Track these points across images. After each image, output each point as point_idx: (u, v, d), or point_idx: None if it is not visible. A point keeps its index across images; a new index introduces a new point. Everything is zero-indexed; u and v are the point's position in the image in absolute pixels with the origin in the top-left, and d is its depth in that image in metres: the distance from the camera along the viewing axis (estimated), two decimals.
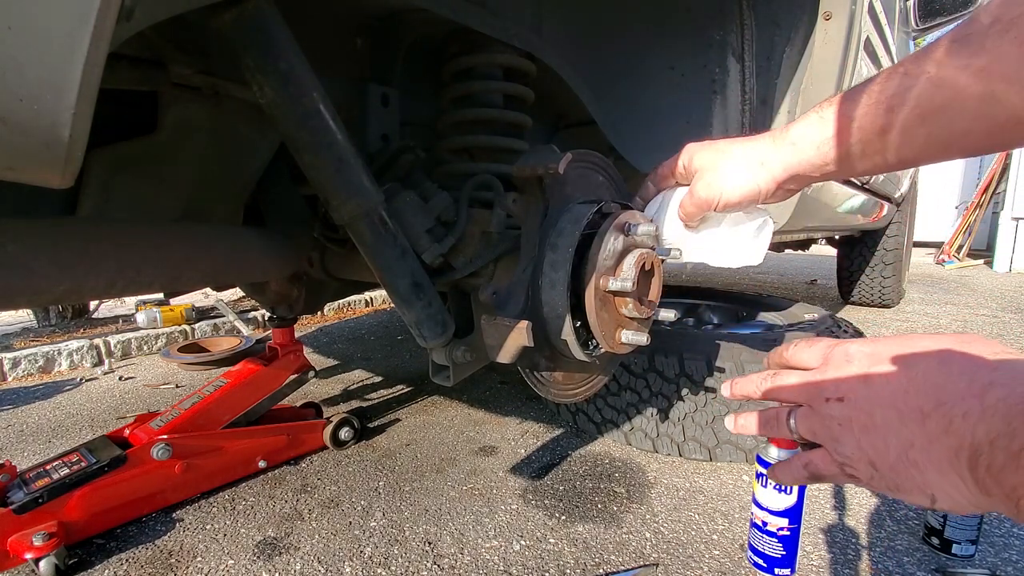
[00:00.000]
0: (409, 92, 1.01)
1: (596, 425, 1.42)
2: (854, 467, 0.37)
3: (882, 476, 0.35)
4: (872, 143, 0.46)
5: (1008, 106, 0.37)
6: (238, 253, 0.81)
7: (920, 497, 0.33)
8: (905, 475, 0.33)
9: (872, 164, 0.48)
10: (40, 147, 0.30)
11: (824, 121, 0.49)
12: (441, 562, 0.94)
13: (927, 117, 0.42)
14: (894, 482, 0.34)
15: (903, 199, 2.79)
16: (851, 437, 0.36)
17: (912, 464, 0.33)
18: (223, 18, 0.58)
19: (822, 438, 0.39)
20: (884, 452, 0.34)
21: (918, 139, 0.43)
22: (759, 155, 0.56)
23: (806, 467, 0.41)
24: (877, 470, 0.35)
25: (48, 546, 0.88)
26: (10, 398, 1.84)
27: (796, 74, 1.03)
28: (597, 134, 1.15)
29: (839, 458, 0.38)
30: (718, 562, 0.93)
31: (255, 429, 1.25)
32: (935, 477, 0.32)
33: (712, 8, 1.05)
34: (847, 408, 0.37)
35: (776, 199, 0.60)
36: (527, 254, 0.67)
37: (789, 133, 0.53)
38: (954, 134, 0.41)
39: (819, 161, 0.51)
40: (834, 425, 0.38)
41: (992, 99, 0.38)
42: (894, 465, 0.34)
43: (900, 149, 0.45)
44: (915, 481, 0.33)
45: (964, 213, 6.19)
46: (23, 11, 0.26)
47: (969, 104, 0.39)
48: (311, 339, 2.59)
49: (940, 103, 0.41)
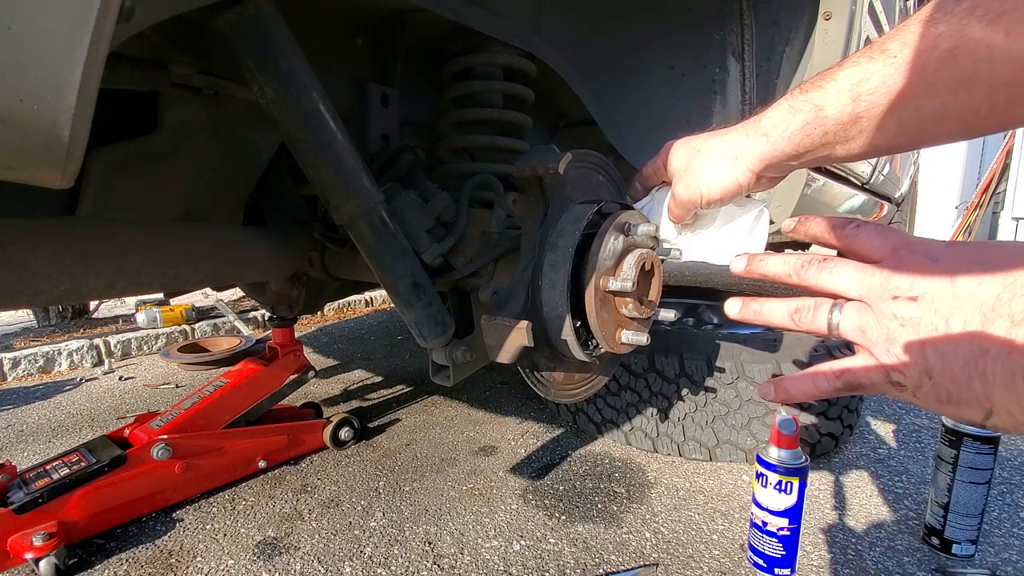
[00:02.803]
0: (409, 92, 1.01)
1: (596, 425, 1.42)
2: (904, 374, 0.34)
3: (935, 385, 0.33)
4: (843, 131, 0.44)
5: (980, 91, 0.35)
6: (238, 253, 0.81)
7: (974, 410, 0.32)
8: (966, 385, 0.31)
9: (847, 152, 0.46)
10: (40, 147, 0.30)
11: (794, 111, 0.47)
12: (441, 562, 0.94)
13: (896, 104, 0.40)
14: (948, 392, 0.32)
15: (903, 199, 2.79)
16: (914, 339, 0.34)
17: (979, 374, 0.31)
18: (223, 18, 0.58)
19: (872, 339, 0.36)
20: (951, 359, 0.32)
21: (889, 126, 0.41)
22: (733, 149, 0.54)
23: (841, 375, 0.38)
24: (931, 378, 0.33)
25: (48, 546, 0.88)
26: (10, 398, 1.84)
27: (796, 74, 1.03)
28: (597, 134, 1.15)
29: (890, 361, 0.35)
30: (718, 562, 0.93)
31: (255, 429, 1.25)
32: (1000, 391, 0.30)
33: (712, 8, 1.05)
34: (919, 308, 0.34)
35: (761, 188, 0.58)
36: (527, 254, 0.67)
37: (761, 124, 0.51)
38: (925, 120, 0.39)
39: (793, 151, 0.49)
40: (895, 325, 0.35)
41: (962, 83, 0.35)
42: (956, 374, 0.32)
43: (872, 137, 0.43)
44: (975, 392, 0.31)
45: (964, 213, 6.19)
46: (23, 11, 0.26)
47: (940, 88, 0.37)
48: (311, 339, 2.59)
49: (907, 88, 0.38)
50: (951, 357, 0.32)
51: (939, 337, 0.33)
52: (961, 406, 0.32)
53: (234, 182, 0.91)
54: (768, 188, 0.59)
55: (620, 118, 1.16)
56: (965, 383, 0.32)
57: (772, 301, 0.43)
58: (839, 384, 0.38)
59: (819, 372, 0.40)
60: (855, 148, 0.45)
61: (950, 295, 0.33)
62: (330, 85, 0.75)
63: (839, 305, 0.39)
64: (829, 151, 0.47)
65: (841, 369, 0.38)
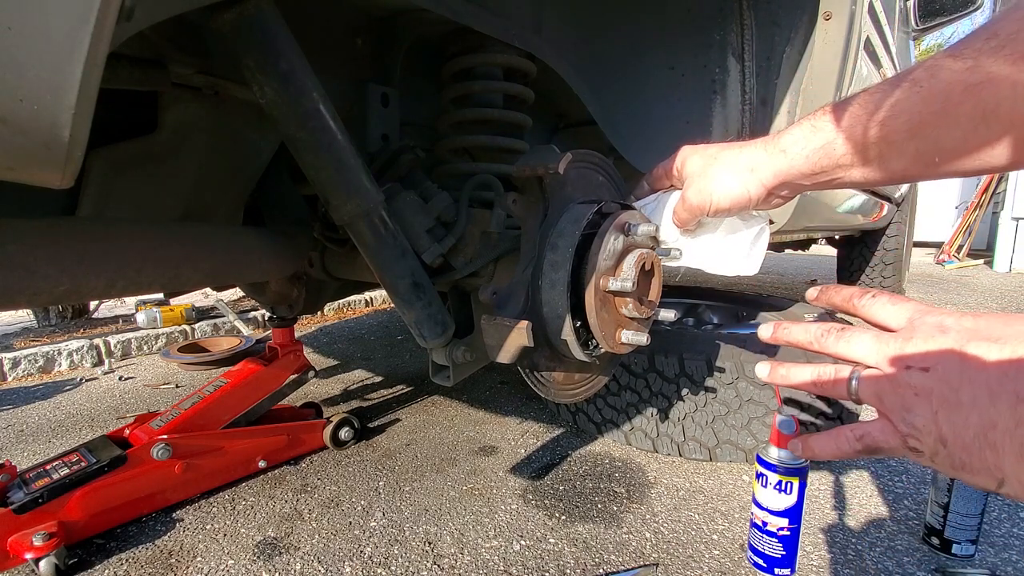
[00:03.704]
0: (409, 92, 1.01)
1: (596, 425, 1.42)
2: (920, 440, 0.35)
3: (949, 454, 0.34)
4: (862, 155, 0.45)
5: (1000, 126, 0.36)
6: (238, 253, 0.81)
7: (987, 479, 0.33)
8: (978, 456, 0.32)
9: (863, 176, 0.47)
10: (40, 147, 0.30)
11: (816, 130, 0.48)
12: (441, 562, 0.94)
13: (916, 131, 0.41)
14: (961, 461, 0.33)
15: (903, 199, 2.79)
16: (927, 409, 0.35)
17: (989, 446, 0.32)
18: (223, 18, 0.58)
19: (890, 406, 0.37)
20: (962, 429, 0.33)
21: (907, 153, 0.43)
22: (749, 162, 0.55)
23: (861, 439, 0.39)
24: (946, 447, 0.34)
25: (48, 546, 0.88)
26: (10, 398, 1.84)
27: (796, 74, 1.03)
28: (597, 134, 1.15)
29: (905, 429, 0.36)
30: (718, 562, 0.93)
31: (255, 429, 1.25)
32: (1011, 461, 0.31)
33: (712, 8, 1.05)
34: (931, 379, 0.35)
35: (768, 206, 0.59)
36: (527, 254, 0.67)
37: (781, 141, 0.53)
38: (944, 150, 0.40)
39: (808, 170, 0.50)
40: (909, 394, 0.36)
41: (983, 117, 0.36)
42: (968, 444, 0.33)
43: (889, 163, 0.44)
44: (987, 463, 0.32)
45: (964, 213, 6.19)
46: (23, 11, 0.26)
47: (961, 120, 0.38)
48: (311, 339, 2.59)
49: (929, 117, 0.39)
50: (962, 428, 0.33)
51: (950, 408, 0.34)
52: (974, 474, 0.33)
53: (234, 182, 0.91)
54: (775, 208, 0.60)
55: (620, 118, 1.16)
56: (977, 453, 0.32)
57: (798, 367, 0.45)
58: (859, 447, 0.40)
59: (841, 434, 0.42)
60: (870, 173, 0.46)
61: (959, 368, 0.34)
62: (330, 85, 0.75)
63: (857, 372, 0.40)
64: (844, 173, 0.48)
65: (861, 433, 0.39)
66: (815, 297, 0.49)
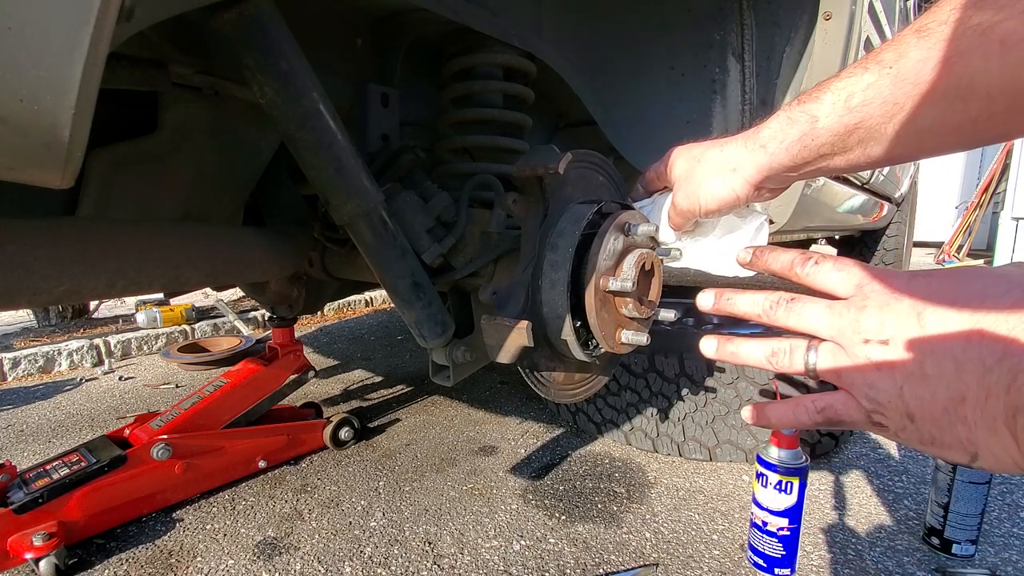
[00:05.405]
0: (409, 92, 1.00)
1: (596, 425, 1.42)
2: (885, 415, 0.34)
3: (918, 428, 0.32)
4: (840, 142, 0.44)
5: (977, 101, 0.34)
6: (238, 253, 0.81)
7: (959, 453, 0.31)
8: (948, 430, 0.31)
9: (847, 162, 0.46)
10: (40, 147, 0.30)
11: (792, 122, 0.47)
12: (441, 562, 0.94)
13: (891, 115, 0.39)
14: (931, 435, 0.32)
15: (903, 199, 2.79)
16: (891, 384, 0.33)
17: (960, 419, 0.30)
18: (223, 18, 0.58)
19: (850, 382, 0.35)
20: (929, 404, 0.31)
21: (886, 137, 0.41)
22: (731, 161, 0.54)
23: (822, 411, 0.37)
24: (913, 422, 0.32)
25: (48, 546, 0.88)
26: (10, 398, 1.84)
27: (796, 74, 1.03)
28: (597, 134, 1.15)
29: (868, 405, 0.34)
30: (718, 562, 0.93)
31: (255, 429, 1.25)
32: (983, 434, 0.29)
33: (712, 8, 1.05)
34: (890, 352, 0.33)
35: (760, 199, 0.58)
36: (527, 254, 0.67)
37: (760, 135, 0.51)
38: (922, 131, 0.38)
39: (791, 163, 0.49)
40: (870, 369, 0.34)
41: (958, 94, 0.34)
42: (938, 418, 0.31)
43: (870, 148, 0.43)
44: (958, 436, 0.31)
45: (964, 213, 6.19)
46: (23, 11, 0.26)
47: (937, 100, 0.36)
48: (311, 339, 2.59)
49: (903, 99, 0.38)
50: (929, 402, 0.32)
51: (916, 382, 0.32)
52: (945, 449, 0.32)
53: (234, 182, 0.91)
54: (770, 199, 0.59)
55: (620, 118, 1.16)
56: (948, 428, 0.31)
57: (748, 342, 0.42)
58: (819, 418, 0.38)
59: (800, 403, 0.39)
60: (854, 159, 0.44)
61: (918, 340, 0.32)
62: (330, 85, 0.75)
63: (814, 347, 0.38)
64: (827, 162, 0.46)
65: (823, 405, 0.37)
66: (747, 261, 0.45)
